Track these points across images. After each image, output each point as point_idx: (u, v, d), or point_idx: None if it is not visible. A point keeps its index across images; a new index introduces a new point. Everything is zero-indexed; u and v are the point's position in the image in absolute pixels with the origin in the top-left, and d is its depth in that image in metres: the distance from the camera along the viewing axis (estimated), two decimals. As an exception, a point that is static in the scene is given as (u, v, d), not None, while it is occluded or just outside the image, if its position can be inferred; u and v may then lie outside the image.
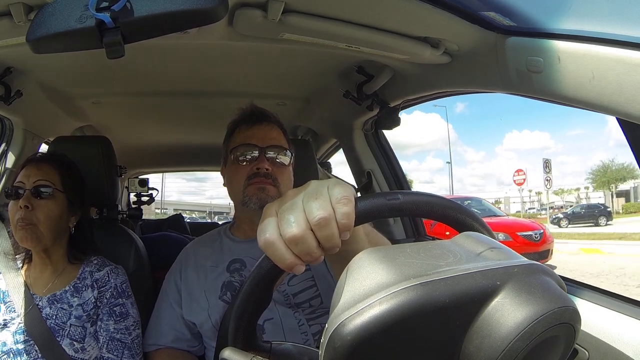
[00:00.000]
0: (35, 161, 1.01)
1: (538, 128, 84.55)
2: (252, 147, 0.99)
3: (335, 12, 0.79)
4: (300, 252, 0.39)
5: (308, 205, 0.39)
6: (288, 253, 0.39)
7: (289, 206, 0.40)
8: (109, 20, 0.43)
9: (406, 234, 1.52)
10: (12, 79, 1.12)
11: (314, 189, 0.41)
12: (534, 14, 0.69)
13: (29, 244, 0.95)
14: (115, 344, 0.97)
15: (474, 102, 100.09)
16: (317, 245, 0.39)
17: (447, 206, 0.45)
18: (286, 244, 0.39)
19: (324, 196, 0.39)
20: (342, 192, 0.40)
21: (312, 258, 0.39)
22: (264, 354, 0.46)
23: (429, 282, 0.31)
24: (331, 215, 0.39)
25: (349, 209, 0.39)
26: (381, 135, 1.55)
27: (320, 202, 0.39)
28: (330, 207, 0.39)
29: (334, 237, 0.39)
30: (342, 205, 0.39)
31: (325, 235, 0.38)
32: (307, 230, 0.38)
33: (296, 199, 0.40)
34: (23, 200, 0.94)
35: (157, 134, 2.04)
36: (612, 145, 57.05)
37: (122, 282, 1.04)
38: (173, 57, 1.14)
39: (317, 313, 0.93)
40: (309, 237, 0.38)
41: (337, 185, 0.41)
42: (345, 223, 0.39)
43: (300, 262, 0.39)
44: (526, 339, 0.30)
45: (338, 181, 0.42)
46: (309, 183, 0.42)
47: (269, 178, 0.97)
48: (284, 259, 0.39)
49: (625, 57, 0.54)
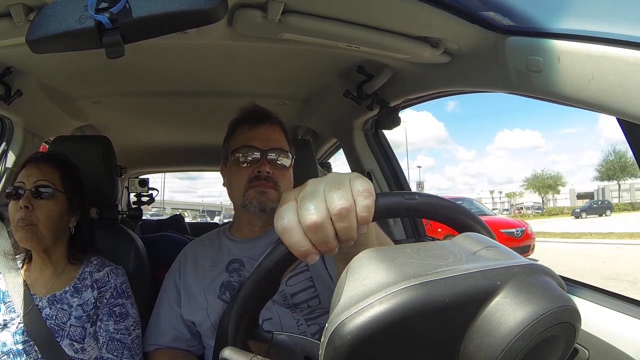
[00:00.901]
0: (35, 161, 1.01)
1: (529, 127, 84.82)
2: (254, 149, 0.98)
3: (335, 12, 0.79)
4: (317, 240, 0.39)
5: (330, 195, 0.39)
6: (305, 240, 0.39)
7: (310, 193, 0.40)
8: (107, 21, 0.43)
9: (406, 234, 1.52)
10: (12, 78, 1.12)
11: (335, 179, 0.41)
12: (533, 14, 0.69)
13: (29, 244, 0.95)
14: (115, 344, 0.97)
15: (466, 101, 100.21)
16: (335, 235, 0.39)
17: (460, 211, 0.46)
18: (304, 231, 0.38)
19: (346, 187, 0.39)
20: (365, 185, 0.40)
21: (327, 248, 0.39)
22: (264, 344, 0.46)
23: (429, 282, 0.31)
24: (352, 206, 0.39)
25: (370, 202, 0.39)
26: (381, 135, 1.55)
27: (342, 193, 0.39)
28: (351, 199, 0.39)
29: (352, 229, 0.39)
30: (363, 198, 0.39)
31: (344, 226, 0.38)
32: (327, 218, 0.38)
33: (318, 187, 0.40)
34: (23, 200, 0.94)
35: (157, 134, 2.04)
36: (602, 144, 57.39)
37: (122, 282, 1.04)
38: (173, 57, 1.14)
39: (316, 313, 0.93)
40: (328, 226, 0.38)
41: (359, 178, 0.41)
42: (365, 216, 0.39)
43: (316, 250, 0.39)
44: (526, 339, 0.31)
45: (359, 175, 0.42)
46: (330, 174, 0.42)
47: (270, 181, 0.96)
48: (299, 245, 0.39)
49: (626, 57, 0.54)
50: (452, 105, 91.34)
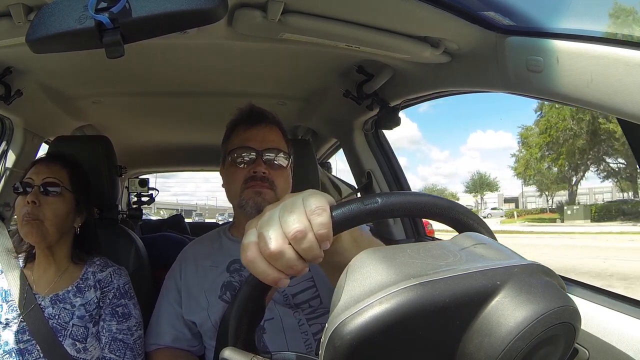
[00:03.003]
0: (45, 160, 1.03)
1: (502, 128, 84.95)
2: (249, 149, 0.98)
3: (335, 12, 0.79)
4: (282, 266, 0.38)
5: (284, 219, 0.39)
6: (270, 269, 0.39)
7: (266, 222, 0.39)
8: (108, 21, 0.42)
9: (406, 234, 1.52)
10: (12, 78, 1.12)
11: (289, 202, 0.40)
12: (533, 14, 0.69)
13: (33, 239, 0.95)
14: (117, 345, 0.97)
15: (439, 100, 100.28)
16: (298, 257, 0.38)
17: (428, 202, 0.44)
18: (267, 260, 0.38)
19: (299, 208, 0.39)
20: (316, 203, 0.39)
21: (295, 271, 0.39)
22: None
23: (429, 282, 0.31)
24: (307, 227, 0.38)
25: (324, 218, 0.39)
26: (381, 135, 1.55)
27: (295, 215, 0.39)
28: (305, 219, 0.38)
29: (314, 249, 0.39)
30: (316, 216, 0.39)
31: (304, 247, 0.38)
32: (284, 245, 0.38)
33: (273, 214, 0.40)
34: (31, 195, 0.94)
35: (157, 134, 2.04)
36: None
37: (125, 283, 1.04)
38: (173, 57, 1.14)
39: (317, 313, 0.93)
40: (287, 252, 0.38)
41: (312, 196, 0.40)
42: (323, 233, 0.39)
43: (284, 275, 0.39)
44: (526, 339, 0.31)
45: (313, 192, 0.41)
46: (285, 197, 0.42)
47: (266, 182, 0.96)
48: (266, 275, 0.39)
49: (625, 57, 0.54)
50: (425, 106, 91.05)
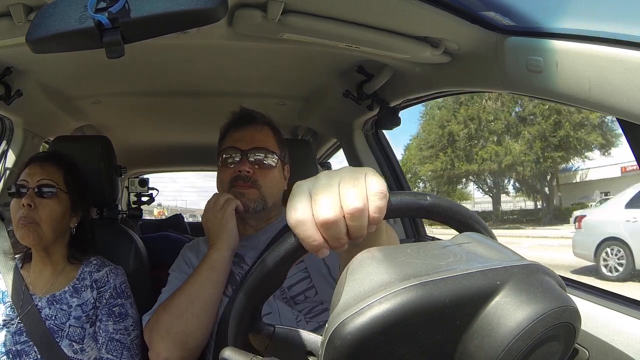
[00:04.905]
0: (39, 160, 1.01)
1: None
2: (236, 150, 0.99)
3: (335, 12, 0.79)
4: (329, 236, 0.38)
5: (344, 192, 0.39)
6: (318, 234, 0.38)
7: (324, 187, 0.39)
8: (107, 21, 0.42)
9: (406, 234, 1.52)
10: (12, 78, 1.12)
11: (351, 175, 0.40)
12: (533, 14, 0.69)
13: (30, 242, 0.95)
14: (114, 345, 0.97)
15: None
16: (346, 232, 0.39)
17: (470, 217, 0.45)
18: (317, 225, 0.38)
19: (362, 185, 0.39)
20: (379, 186, 0.39)
21: (339, 244, 0.39)
22: (266, 338, 0.46)
23: (429, 282, 0.31)
24: (366, 207, 0.38)
25: (383, 204, 0.39)
26: (381, 135, 1.55)
27: (357, 191, 0.38)
28: (366, 199, 0.39)
29: (363, 228, 0.39)
30: (377, 199, 0.39)
31: (356, 225, 0.38)
32: (340, 215, 0.38)
33: (332, 181, 0.40)
34: (26, 198, 0.94)
35: (157, 134, 2.04)
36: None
37: (122, 282, 1.04)
38: (173, 57, 1.14)
39: (315, 312, 0.93)
40: (341, 223, 0.38)
41: (375, 177, 0.40)
42: (376, 217, 0.39)
43: (327, 245, 0.39)
44: (526, 339, 0.31)
45: (375, 172, 0.41)
46: (345, 168, 0.42)
47: (248, 181, 0.97)
48: (312, 240, 0.38)
49: (626, 57, 0.54)
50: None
